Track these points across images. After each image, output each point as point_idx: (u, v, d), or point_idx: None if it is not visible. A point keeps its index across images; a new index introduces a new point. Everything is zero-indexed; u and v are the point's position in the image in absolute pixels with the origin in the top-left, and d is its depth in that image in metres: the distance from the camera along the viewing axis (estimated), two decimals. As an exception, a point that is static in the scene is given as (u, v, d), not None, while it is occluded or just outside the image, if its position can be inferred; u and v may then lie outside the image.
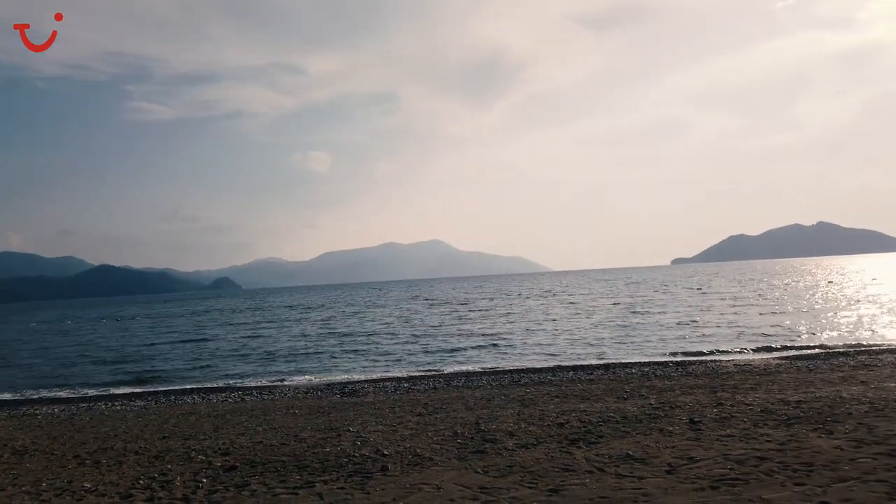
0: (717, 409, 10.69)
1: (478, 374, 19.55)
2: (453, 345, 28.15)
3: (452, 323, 40.86)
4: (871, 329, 26.59)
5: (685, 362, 19.24)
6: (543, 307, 52.79)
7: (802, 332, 26.42)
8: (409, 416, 12.34)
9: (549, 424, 10.45)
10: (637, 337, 27.42)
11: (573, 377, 17.01)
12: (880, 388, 11.86)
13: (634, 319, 35.85)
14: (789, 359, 19.05)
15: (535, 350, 25.01)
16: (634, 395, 12.93)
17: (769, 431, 8.93)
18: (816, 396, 11.36)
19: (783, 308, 39.62)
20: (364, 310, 65.12)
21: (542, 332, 31.75)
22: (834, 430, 8.67)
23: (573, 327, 33.44)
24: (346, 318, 52.42)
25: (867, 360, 17.01)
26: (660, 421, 10.13)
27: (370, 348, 28.67)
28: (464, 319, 43.55)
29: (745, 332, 27.27)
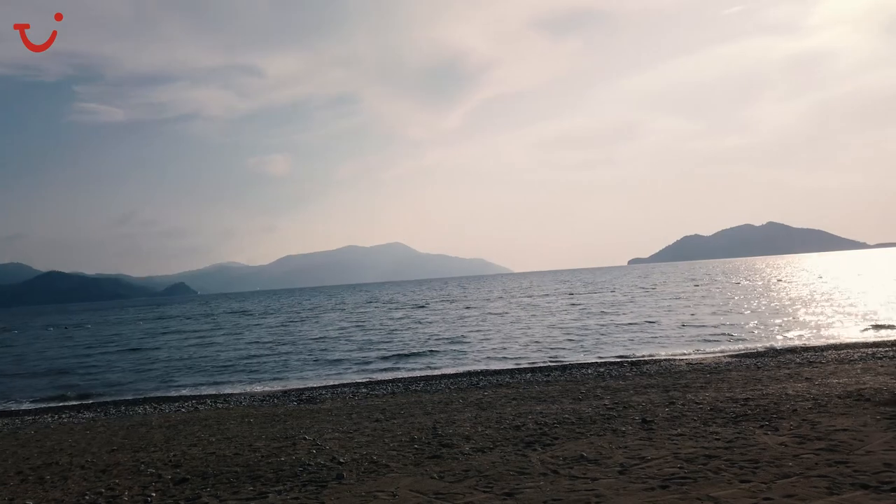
0: (669, 409, 10.91)
1: (437, 377, 19.54)
2: (412, 349, 28.09)
3: (411, 327, 40.79)
4: (816, 327, 27.53)
5: (640, 362, 19.61)
6: (503, 309, 53.12)
7: (753, 331, 27.20)
8: (366, 422, 12.25)
9: (506, 427, 10.50)
10: (594, 338, 27.82)
11: (531, 379, 17.15)
12: (823, 384, 12.28)
13: (591, 321, 36.37)
14: (739, 357, 19.60)
15: (493, 353, 25.14)
16: (590, 396, 13.10)
17: (718, 429, 9.15)
18: (764, 394, 11.69)
19: (735, 307, 40.72)
20: (322, 314, 64.53)
21: (501, 335, 31.94)
22: (779, 427, 8.94)
23: (532, 329, 33.73)
24: (303, 323, 51.83)
25: (812, 357, 17.60)
26: (613, 421, 10.28)
27: (328, 354, 28.39)
28: (423, 323, 43.51)
29: (698, 331, 27.93)
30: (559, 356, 23.02)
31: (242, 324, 58.20)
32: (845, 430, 8.42)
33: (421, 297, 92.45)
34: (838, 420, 9.06)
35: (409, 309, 64.03)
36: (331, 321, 52.49)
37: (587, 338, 27.94)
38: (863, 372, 13.62)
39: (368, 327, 42.77)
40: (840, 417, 9.24)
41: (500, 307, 56.56)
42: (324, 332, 41.30)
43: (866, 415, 9.26)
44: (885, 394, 10.65)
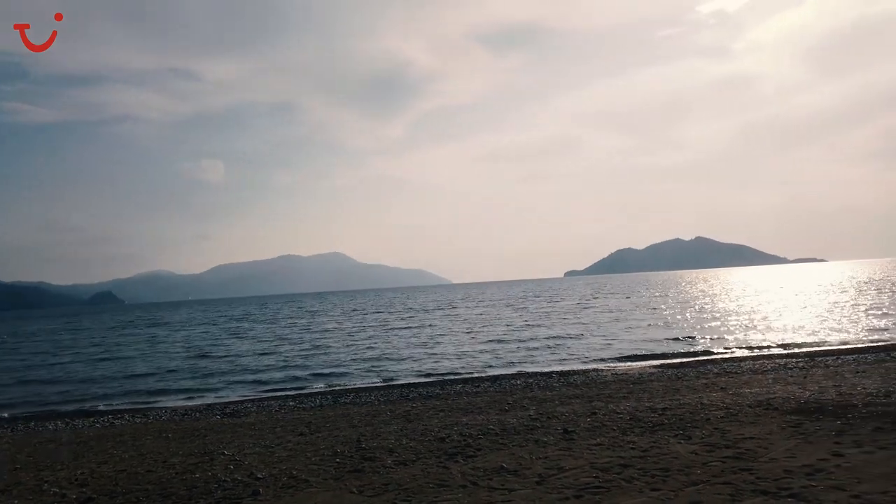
0: (591, 419, 11.13)
1: (366, 389, 19.35)
2: (344, 360, 27.75)
3: (346, 338, 40.31)
4: (737, 337, 28.72)
5: (567, 373, 19.98)
6: (439, 320, 53.21)
7: (679, 341, 28.15)
8: (290, 435, 11.99)
9: (431, 439, 10.47)
10: (527, 349, 28.17)
11: (461, 390, 17.20)
12: (737, 393, 12.79)
13: (525, 333, 36.84)
14: (662, 367, 20.23)
15: (426, 364, 25.10)
16: (516, 407, 13.23)
17: (635, 439, 9.38)
18: (681, 403, 12.08)
19: (663, 318, 42.08)
20: (254, 325, 62.97)
21: (436, 346, 31.95)
22: (692, 436, 9.24)
23: (466, 340, 33.89)
24: (234, 335, 50.41)
25: (729, 367, 18.34)
26: (536, 431, 10.40)
27: (257, 366, 27.70)
28: (358, 334, 43.08)
29: (627, 342, 28.71)
30: (491, 366, 23.20)
31: (170, 334, 56.14)
32: (752, 439, 8.78)
33: (359, 308, 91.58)
34: (747, 428, 9.44)
35: (347, 319, 63.30)
36: (263, 332, 51.27)
37: (520, 349, 28.27)
38: (774, 382, 14.27)
39: (303, 338, 42.01)
40: (749, 426, 9.62)
41: (438, 318, 56.65)
42: (256, 343, 40.30)
43: (773, 423, 9.68)
44: (791, 403, 11.17)
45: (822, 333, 28.29)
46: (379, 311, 76.08)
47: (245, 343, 40.94)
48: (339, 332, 46.65)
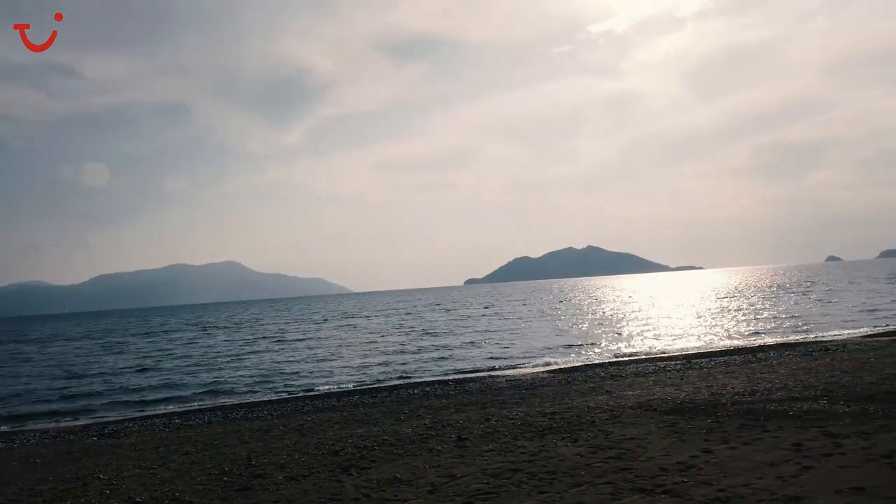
0: (484, 425, 11.35)
1: (259, 404, 18.74)
2: (235, 374, 26.74)
3: (239, 351, 38.85)
4: (624, 342, 30.26)
5: (464, 380, 20.28)
6: (337, 331, 52.44)
7: (571, 346, 29.26)
8: (174, 455, 11.40)
9: (325, 453, 10.30)
10: (425, 358, 28.32)
11: (357, 401, 17.03)
12: (620, 396, 13.47)
13: (424, 342, 37.03)
14: (554, 372, 20.97)
15: (322, 376, 24.64)
16: (412, 416, 13.26)
17: (525, 443, 9.65)
18: (569, 407, 12.57)
19: (558, 324, 43.62)
20: (136, 339, 59.29)
21: (332, 358, 31.46)
22: (578, 438, 9.63)
23: (364, 351, 33.61)
24: (112, 350, 47.19)
25: (615, 371, 19.28)
26: (431, 440, 10.47)
27: (139, 383, 26.08)
28: (252, 346, 41.64)
29: (523, 348, 29.52)
30: (388, 378, 23.11)
31: (40, 350, 51.81)
32: (633, 439, 9.26)
33: (253, 319, 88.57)
34: (628, 429, 9.95)
35: (238, 331, 60.99)
36: (146, 346, 48.36)
37: (417, 359, 28.38)
38: (654, 384, 15.15)
39: (191, 352, 40.05)
40: (630, 427, 10.15)
41: (335, 328, 55.83)
42: (139, 358, 37.97)
43: (652, 423, 10.26)
44: (669, 403, 11.89)
45: (697, 337, 30.35)
46: (275, 322, 73.86)
47: (125, 358, 38.35)
48: (231, 344, 44.79)
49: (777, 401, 11.17)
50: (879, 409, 9.73)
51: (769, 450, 7.99)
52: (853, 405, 10.23)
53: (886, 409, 9.67)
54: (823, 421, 9.30)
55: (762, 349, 23.06)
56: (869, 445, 7.75)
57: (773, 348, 23.01)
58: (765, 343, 25.82)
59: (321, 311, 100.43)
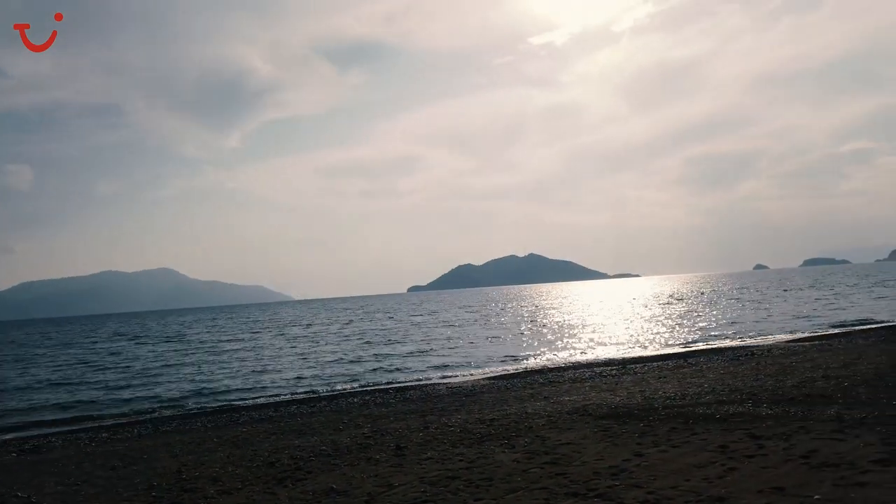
0: (423, 433, 11.34)
1: (192, 415, 18.16)
2: (165, 385, 25.83)
3: (169, 361, 37.53)
4: (563, 348, 30.79)
5: (404, 388, 20.22)
6: (276, 340, 51.43)
7: (511, 352, 29.54)
8: (99, 471, 10.92)
9: (259, 465, 10.07)
10: (366, 366, 28.08)
11: (295, 411, 16.72)
12: (557, 402, 13.70)
13: (365, 349, 36.76)
14: (494, 379, 21.15)
15: (259, 386, 24.07)
16: (351, 426, 13.13)
17: (464, 450, 9.69)
18: (507, 413, 12.69)
19: (499, 331, 44.03)
20: (61, 350, 56.44)
21: (271, 367, 30.82)
22: (515, 444, 9.73)
23: (303, 360, 33.06)
24: (34, 361, 44.77)
25: (553, 377, 19.61)
26: (369, 450, 10.39)
27: (63, 396, 24.84)
28: (183, 356, 40.31)
29: (465, 355, 29.63)
30: (327, 386, 22.78)
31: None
32: (568, 444, 9.43)
33: (186, 329, 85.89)
34: (564, 434, 10.13)
35: (169, 342, 58.96)
36: (68, 357, 46.03)
37: (358, 366, 28.12)
38: (590, 389, 15.48)
39: (119, 363, 38.43)
40: (566, 432, 10.32)
41: (275, 337, 54.74)
42: (61, 369, 36.19)
43: (587, 428, 10.47)
44: (604, 408, 12.16)
45: (632, 343, 31.20)
46: (210, 331, 71.77)
47: (46, 371, 36.42)
48: (163, 354, 43.22)
49: (705, 404, 11.58)
50: (799, 412, 10.22)
51: (697, 452, 8.27)
52: (775, 408, 10.70)
53: (806, 412, 10.16)
54: (748, 423, 9.69)
55: (693, 354, 23.90)
56: (789, 446, 8.12)
57: (704, 353, 23.88)
58: (696, 349, 26.76)
59: (260, 320, 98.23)
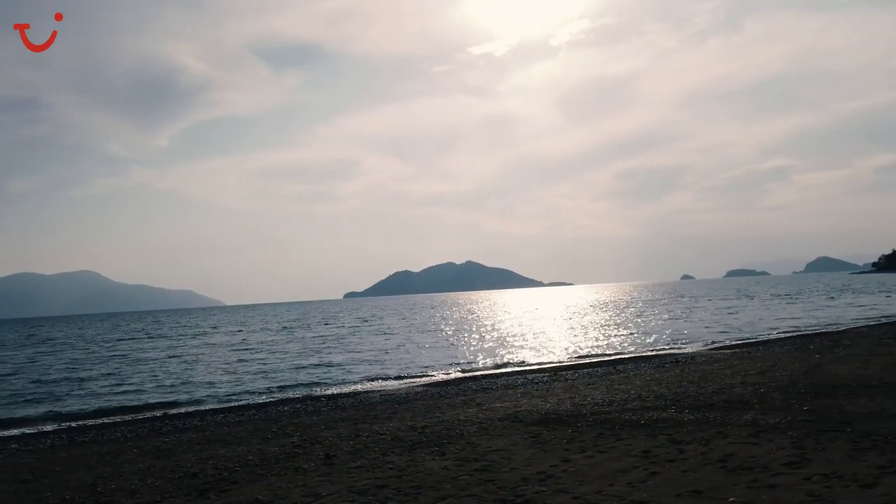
0: (354, 441, 11.19)
1: (111, 425, 17.32)
2: (84, 392, 24.60)
3: (86, 368, 35.74)
4: (497, 355, 31.06)
5: (337, 396, 19.95)
6: (204, 347, 49.82)
7: (447, 359, 29.60)
8: (5, 484, 10.28)
9: (181, 476, 9.70)
10: (299, 374, 27.55)
11: (223, 420, 16.21)
12: (489, 408, 13.80)
13: (299, 357, 36.09)
14: (428, 386, 21.13)
15: (184, 395, 23.20)
16: (280, 435, 12.83)
17: (394, 458, 9.61)
18: (440, 420, 12.69)
19: (433, 338, 44.05)
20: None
21: (198, 375, 29.83)
22: (446, 452, 9.73)
23: (233, 367, 32.16)
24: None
25: (487, 383, 19.77)
26: (297, 459, 10.17)
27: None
28: (102, 364, 38.49)
29: (399, 362, 29.49)
30: (258, 394, 22.22)
31: None
32: (498, 451, 9.49)
33: (105, 334, 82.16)
34: (495, 441, 10.20)
35: (85, 348, 56.25)
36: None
37: (291, 374, 27.56)
38: (522, 396, 15.66)
39: (30, 370, 36.35)
40: (497, 439, 10.40)
41: (201, 344, 53.03)
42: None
43: (517, 435, 10.58)
44: (534, 415, 12.32)
45: (565, 350, 31.80)
46: (133, 338, 68.79)
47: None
48: (80, 361, 41.10)
49: (631, 410, 11.91)
50: (718, 417, 10.64)
51: (621, 457, 8.48)
52: (696, 413, 11.11)
53: (724, 417, 10.59)
54: (670, 429, 10.02)
55: (622, 362, 24.57)
56: (707, 451, 8.44)
57: (632, 361, 24.59)
58: (624, 356, 27.52)
59: (188, 326, 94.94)
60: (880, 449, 7.82)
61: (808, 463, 7.50)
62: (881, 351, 18.35)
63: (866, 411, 10.11)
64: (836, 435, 8.69)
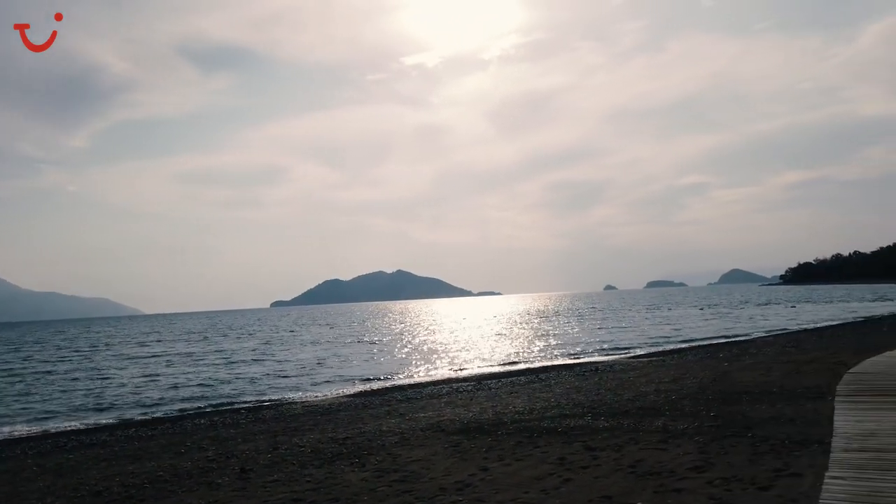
0: (272, 454, 10.92)
1: (11, 442, 16.22)
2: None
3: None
4: (424, 364, 31.08)
5: (257, 407, 19.43)
6: (115, 360, 47.49)
7: (374, 369, 29.36)
8: None
9: (84, 494, 9.20)
10: (219, 385, 26.68)
11: (133, 435, 15.48)
12: (413, 418, 13.77)
13: (219, 368, 34.98)
14: (352, 396, 20.90)
15: (94, 409, 22.02)
16: (194, 449, 12.37)
17: (313, 471, 9.44)
18: (362, 431, 12.56)
19: (361, 348, 43.62)
20: None
21: (109, 388, 28.41)
22: (366, 463, 9.63)
23: (148, 379, 30.80)
24: None
25: (412, 394, 19.72)
26: (211, 473, 9.83)
27: None
28: (5, 377, 36.17)
29: (326, 372, 29.03)
30: (174, 407, 21.35)
31: None
32: (418, 461, 9.48)
33: (8, 344, 77.19)
34: (416, 451, 10.18)
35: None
36: None
37: (209, 386, 26.66)
38: (445, 405, 15.71)
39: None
40: (418, 449, 10.38)
41: (114, 355, 50.57)
42: None
43: (438, 444, 10.59)
44: (456, 424, 12.38)
45: (490, 359, 32.16)
46: (40, 347, 64.87)
47: None
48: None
49: (550, 418, 12.15)
50: (632, 423, 11.00)
51: (538, 465, 8.64)
52: (612, 420, 11.45)
53: (637, 423, 10.96)
54: (586, 436, 10.29)
55: (545, 370, 25.06)
56: (619, 457, 8.71)
57: (554, 369, 25.14)
58: (547, 364, 28.10)
59: (101, 335, 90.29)
60: (777, 452, 8.28)
61: (711, 467, 7.86)
62: (783, 359, 19.46)
63: (767, 416, 10.69)
64: (738, 440, 9.15)
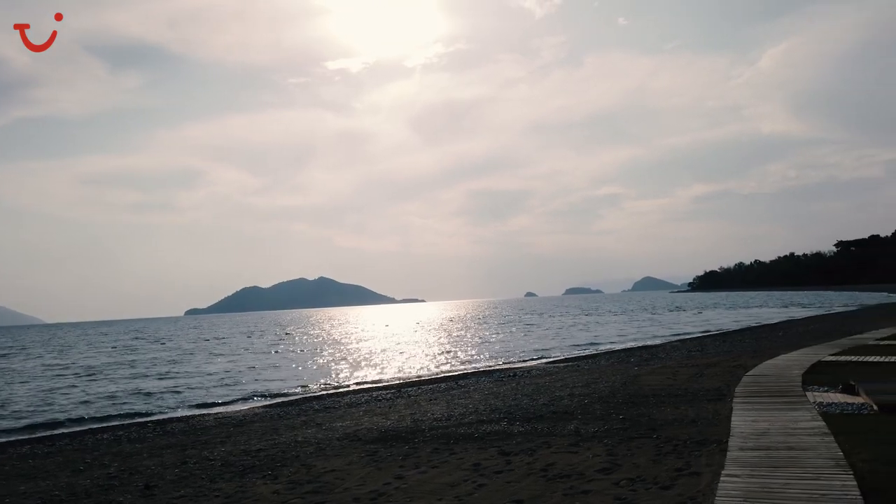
0: (180, 469, 10.49)
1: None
2: None
3: None
4: (345, 372, 30.67)
5: (165, 421, 18.59)
6: (11, 372, 44.44)
7: (292, 378, 28.68)
8: None
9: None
10: (126, 399, 25.35)
11: (28, 452, 14.45)
12: (330, 428, 13.56)
13: (125, 381, 33.28)
14: (268, 407, 20.36)
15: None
16: (94, 465, 11.70)
17: (223, 485, 9.13)
18: (276, 443, 12.26)
19: (278, 356, 42.58)
20: None
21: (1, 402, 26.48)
22: (279, 475, 9.40)
23: (47, 392, 28.92)
24: None
25: (330, 402, 19.42)
26: (112, 492, 9.34)
27: None
28: None
29: (240, 383, 28.12)
30: (74, 421, 20.10)
31: None
32: (333, 471, 9.35)
33: None
34: (332, 461, 10.03)
35: None
36: None
37: (113, 399, 25.31)
38: (364, 414, 15.57)
39: None
40: (334, 459, 10.24)
41: (9, 366, 47.25)
42: None
43: (355, 454, 10.47)
44: (374, 433, 12.29)
45: (411, 366, 32.14)
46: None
47: None
48: None
49: (467, 424, 12.27)
50: (546, 428, 11.27)
51: (452, 471, 8.71)
52: (526, 425, 11.69)
53: (550, 427, 11.24)
54: (501, 441, 10.45)
55: (465, 377, 25.28)
56: (532, 461, 8.91)
57: (474, 375, 25.40)
58: (467, 371, 28.35)
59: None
60: (679, 452, 8.70)
61: (618, 468, 8.17)
62: (688, 363, 20.47)
63: (671, 418, 11.21)
64: (644, 441, 9.55)
